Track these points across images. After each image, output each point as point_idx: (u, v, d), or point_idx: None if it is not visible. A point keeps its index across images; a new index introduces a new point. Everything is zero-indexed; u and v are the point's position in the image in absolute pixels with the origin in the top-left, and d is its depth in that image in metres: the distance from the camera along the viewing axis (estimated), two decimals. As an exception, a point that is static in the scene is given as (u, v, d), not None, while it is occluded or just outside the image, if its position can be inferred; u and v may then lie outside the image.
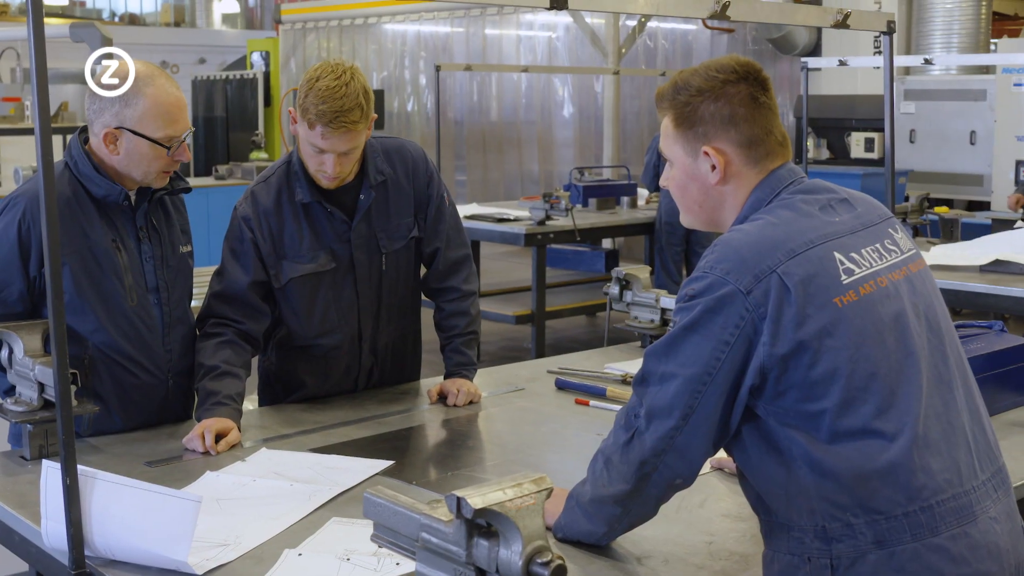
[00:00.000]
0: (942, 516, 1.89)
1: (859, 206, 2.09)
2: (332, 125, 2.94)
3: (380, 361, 3.37)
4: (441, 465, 2.82)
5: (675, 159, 2.12)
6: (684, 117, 2.07)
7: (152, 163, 2.81)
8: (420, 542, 1.69)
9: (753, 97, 2.05)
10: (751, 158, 2.05)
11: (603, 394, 3.30)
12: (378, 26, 16.36)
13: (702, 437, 1.96)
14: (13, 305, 2.79)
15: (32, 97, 2.01)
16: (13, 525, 2.42)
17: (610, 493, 2.06)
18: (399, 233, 3.26)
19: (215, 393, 2.93)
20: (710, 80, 2.05)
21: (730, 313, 1.90)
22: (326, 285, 3.18)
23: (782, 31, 11.98)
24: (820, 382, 1.89)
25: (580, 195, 9.26)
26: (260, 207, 3.14)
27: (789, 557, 1.95)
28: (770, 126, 2.07)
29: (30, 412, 2.67)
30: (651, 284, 4.02)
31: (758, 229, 1.98)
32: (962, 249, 6.02)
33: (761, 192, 2.06)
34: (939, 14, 11.11)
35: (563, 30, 14.47)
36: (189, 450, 2.80)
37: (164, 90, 2.79)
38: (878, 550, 1.88)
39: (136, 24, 21.12)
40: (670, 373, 1.95)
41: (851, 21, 3.31)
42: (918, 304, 2.02)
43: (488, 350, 9.00)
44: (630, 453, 2.00)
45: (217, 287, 3.14)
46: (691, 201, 2.13)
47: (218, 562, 2.12)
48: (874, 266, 1.99)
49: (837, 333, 1.89)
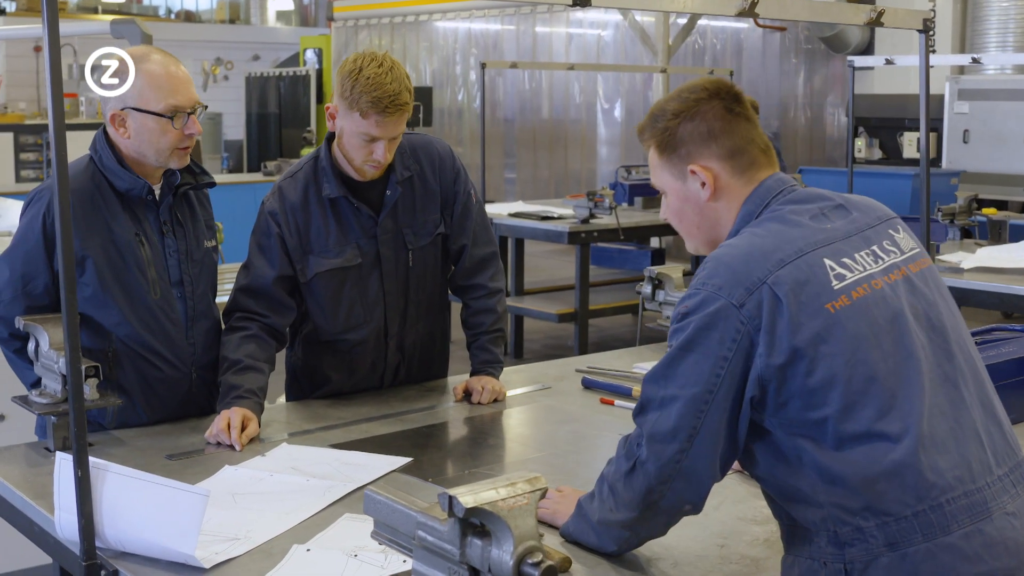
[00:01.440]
0: (953, 514, 1.87)
1: (855, 211, 2.08)
2: (388, 111, 2.96)
3: (407, 359, 3.37)
4: (460, 462, 2.81)
5: (666, 187, 2.14)
6: (665, 142, 2.10)
7: (161, 139, 2.82)
8: (417, 540, 1.68)
9: (728, 109, 2.08)
10: (736, 168, 2.07)
11: (628, 394, 3.27)
12: (429, 23, 16.41)
13: (708, 459, 1.95)
14: (39, 298, 2.82)
15: (48, 94, 2.03)
16: (33, 516, 2.45)
17: (616, 519, 2.07)
18: (425, 229, 3.26)
19: (237, 387, 2.94)
20: (683, 102, 2.09)
21: (725, 328, 1.90)
22: (352, 280, 3.19)
23: (834, 30, 11.86)
24: (819, 389, 1.88)
25: (626, 193, 9.23)
26: (287, 202, 3.15)
27: (809, 562, 1.94)
28: (750, 135, 2.09)
29: (54, 404, 2.70)
30: (683, 284, 3.99)
31: (747, 242, 1.99)
32: (1009, 251, 5.93)
33: (750, 205, 2.07)
34: (994, 12, 10.94)
35: (613, 28, 14.42)
36: (211, 443, 2.82)
37: (159, 64, 2.82)
38: (890, 552, 1.86)
39: (192, 21, 21.32)
40: (670, 396, 1.95)
41: (885, 19, 3.25)
42: (917, 304, 2.00)
43: (532, 348, 9.00)
44: (634, 482, 2.00)
45: (243, 281, 3.15)
46: (690, 225, 2.15)
47: (227, 556, 2.14)
48: (868, 269, 1.98)
49: (832, 339, 1.89)
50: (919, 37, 3.50)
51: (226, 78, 19.19)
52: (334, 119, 3.07)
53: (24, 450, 2.78)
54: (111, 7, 19.85)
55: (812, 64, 13.22)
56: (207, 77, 18.99)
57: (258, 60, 19.13)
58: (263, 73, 16.44)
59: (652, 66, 12.33)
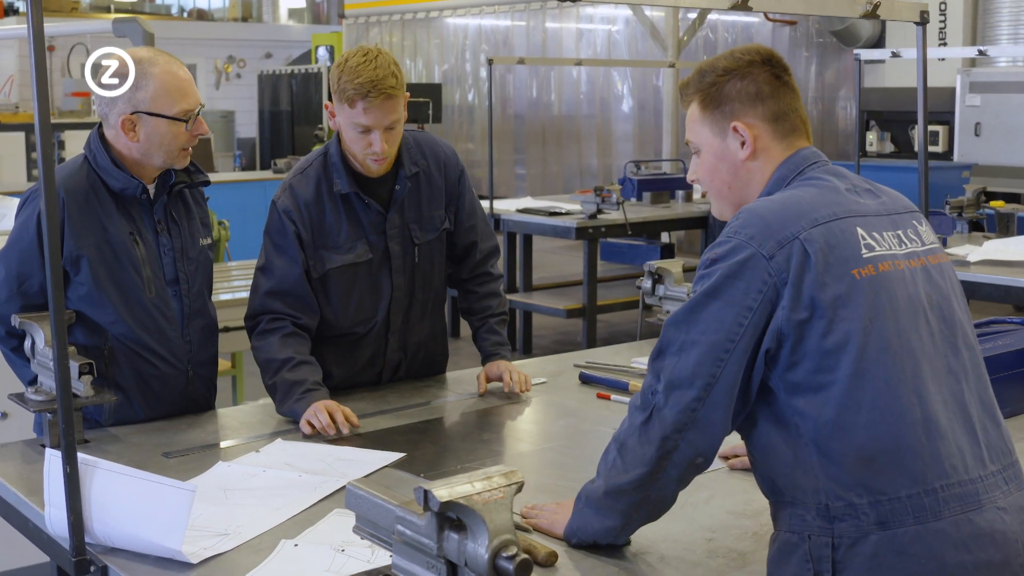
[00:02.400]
0: (946, 501, 1.87)
1: (884, 196, 2.10)
2: (371, 95, 2.98)
3: (409, 358, 3.39)
4: (453, 457, 2.82)
5: (703, 142, 2.13)
6: (711, 98, 2.10)
7: (173, 141, 2.84)
8: (396, 534, 1.69)
9: (776, 76, 2.09)
10: (778, 133, 2.08)
11: (625, 388, 3.28)
12: (440, 20, 16.41)
13: (723, 409, 1.93)
14: (35, 296, 2.84)
15: (32, 95, 2.04)
16: (27, 513, 2.46)
17: (627, 480, 2.01)
18: (431, 225, 3.28)
19: (300, 382, 2.98)
20: (735, 61, 2.09)
21: (752, 278, 1.90)
22: (362, 275, 3.21)
23: (844, 23, 11.82)
24: (832, 351, 1.87)
25: (634, 189, 9.21)
26: (300, 198, 3.16)
27: (788, 535, 1.94)
28: (794, 104, 2.10)
29: (49, 401, 2.71)
30: (684, 278, 3.99)
31: (783, 199, 2.00)
32: (1016, 244, 5.90)
33: (785, 169, 2.07)
34: (1005, 4, 10.89)
35: (623, 23, 14.40)
36: (308, 434, 2.88)
37: (169, 68, 2.84)
38: (880, 531, 1.86)
39: (204, 19, 21.37)
40: (691, 341, 1.93)
41: (881, 11, 3.25)
42: (932, 295, 2.01)
43: (540, 344, 9.00)
44: (650, 431, 1.97)
45: (268, 284, 3.14)
46: (721, 184, 2.13)
47: (215, 551, 2.15)
48: (893, 250, 1.99)
49: (852, 304, 1.89)
50: (917, 29, 3.49)
51: (238, 76, 19.25)
52: (334, 117, 3.10)
53: (20, 447, 2.80)
54: (123, 6, 19.91)
55: (823, 58, 13.19)
56: (219, 75, 19.05)
57: (270, 58, 19.19)
58: (275, 71, 16.48)
59: (662, 61, 12.30)
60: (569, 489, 2.43)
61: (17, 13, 17.74)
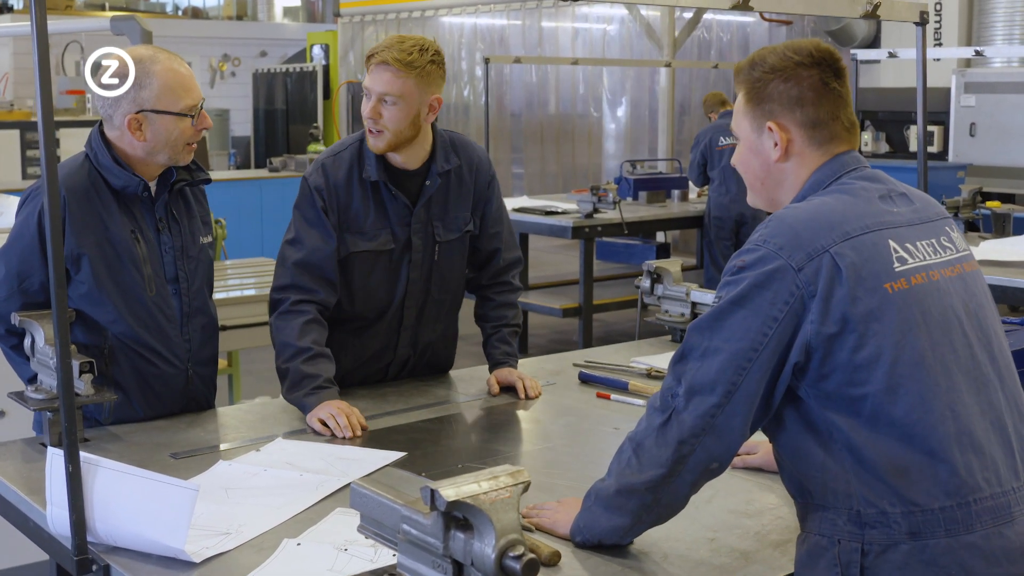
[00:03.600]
0: (978, 514, 1.88)
1: (917, 201, 2.09)
2: (374, 59, 3.05)
3: (418, 356, 3.40)
4: (454, 457, 2.81)
5: (742, 134, 2.14)
6: (755, 92, 2.10)
7: (179, 138, 2.84)
8: (401, 534, 1.69)
9: (824, 82, 2.06)
10: (813, 140, 2.07)
11: (625, 388, 3.28)
12: (435, 18, 16.39)
13: (742, 417, 1.93)
14: (35, 295, 2.83)
15: (36, 92, 2.03)
16: (27, 512, 2.45)
17: (641, 480, 2.01)
18: (455, 225, 3.30)
19: (314, 376, 2.98)
20: (784, 60, 2.08)
21: (779, 289, 1.90)
22: (383, 265, 3.23)
23: (840, 23, 11.83)
24: (864, 366, 1.87)
25: (630, 188, 9.22)
26: (330, 179, 3.18)
27: (818, 538, 1.94)
28: (837, 112, 2.08)
29: (49, 400, 2.70)
30: (682, 278, 4.00)
31: (814, 208, 1.98)
32: (1012, 244, 5.91)
33: (821, 174, 2.06)
34: (1001, 5, 10.90)
35: (618, 23, 14.39)
36: (316, 432, 2.88)
37: (170, 65, 2.84)
38: (911, 541, 1.86)
39: (199, 17, 21.33)
40: (714, 348, 1.93)
41: (881, 11, 3.25)
42: (969, 303, 2.00)
43: (536, 343, 9.00)
44: (667, 434, 1.96)
45: (297, 255, 3.15)
46: (753, 177, 2.14)
47: (217, 550, 2.14)
48: (927, 259, 1.99)
49: (884, 318, 1.89)
50: (916, 30, 3.49)
51: (233, 74, 19.21)
52: None
53: (20, 446, 2.79)
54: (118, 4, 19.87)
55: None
56: (214, 74, 19.01)
57: (265, 56, 19.14)
58: (270, 69, 16.47)
59: (658, 60, 12.31)
60: (569, 489, 2.44)
61: (11, 11, 17.70)
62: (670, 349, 3.79)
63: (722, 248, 8.78)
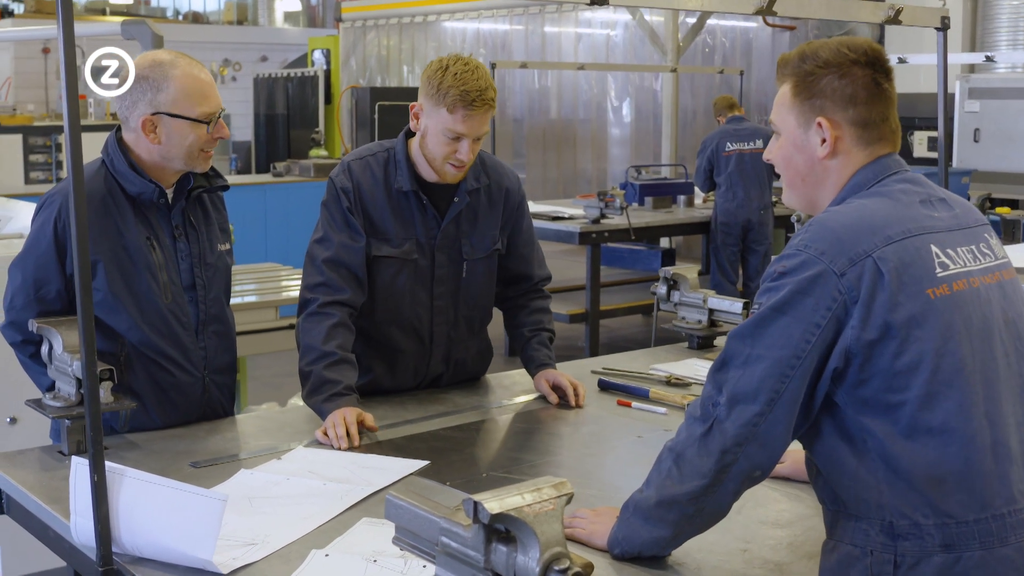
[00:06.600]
0: (1013, 527, 1.86)
1: (957, 207, 2.05)
2: (475, 104, 2.99)
3: (451, 371, 3.38)
4: (477, 466, 2.78)
5: (785, 129, 2.08)
6: (805, 86, 2.04)
7: (194, 144, 2.82)
8: (440, 546, 1.66)
9: (876, 82, 2.03)
10: (862, 139, 2.02)
11: (646, 396, 3.25)
12: (437, 24, 16.37)
13: (785, 425, 1.90)
14: (51, 303, 2.80)
15: (62, 95, 2.01)
16: (47, 520, 2.42)
17: (683, 491, 1.98)
18: (483, 243, 3.28)
19: (334, 382, 2.95)
20: (838, 56, 2.03)
21: (822, 295, 1.86)
22: (406, 275, 3.20)
23: (843, 28, 11.80)
24: (904, 372, 1.84)
25: (636, 193, 9.21)
26: (356, 181, 3.16)
27: (850, 548, 1.91)
28: (887, 113, 2.05)
29: (68, 408, 2.68)
30: (699, 284, 3.97)
31: (856, 212, 1.94)
32: (1023, 251, 5.89)
33: (864, 176, 2.02)
34: (1004, 11, 10.90)
35: (622, 28, 14.38)
36: (323, 442, 2.84)
37: (190, 70, 2.81)
38: (944, 553, 1.84)
39: (200, 22, 21.33)
40: (756, 356, 1.90)
41: (904, 17, 3.23)
42: (1008, 312, 1.97)
43: (542, 349, 8.95)
44: (709, 444, 1.93)
45: (326, 253, 3.12)
46: (794, 174, 2.09)
47: (244, 561, 2.11)
48: (968, 266, 1.95)
49: (926, 324, 1.85)
50: (937, 35, 3.47)
51: (234, 79, 19.21)
52: (418, 119, 3.09)
53: (38, 454, 2.76)
54: (119, 8, 19.86)
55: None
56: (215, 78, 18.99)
57: (266, 61, 19.15)
58: (271, 74, 16.43)
59: (661, 66, 12.30)
60: (596, 498, 2.41)
61: (12, 15, 17.68)
62: (687, 356, 3.77)
63: (728, 254, 8.76)
